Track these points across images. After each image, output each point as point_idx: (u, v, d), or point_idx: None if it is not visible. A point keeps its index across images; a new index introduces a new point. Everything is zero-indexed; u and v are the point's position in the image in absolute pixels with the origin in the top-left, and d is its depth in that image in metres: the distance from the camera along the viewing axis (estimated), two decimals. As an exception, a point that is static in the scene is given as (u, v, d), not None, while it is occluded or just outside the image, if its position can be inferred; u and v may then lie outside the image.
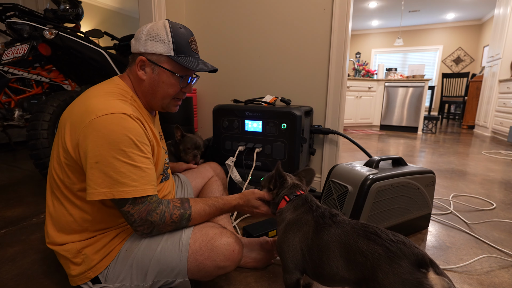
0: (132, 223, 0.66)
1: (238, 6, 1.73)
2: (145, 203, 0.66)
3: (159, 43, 0.72)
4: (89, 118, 0.62)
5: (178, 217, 0.70)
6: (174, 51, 0.72)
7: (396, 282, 0.49)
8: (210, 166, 1.21)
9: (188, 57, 0.75)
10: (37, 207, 1.41)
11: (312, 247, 0.64)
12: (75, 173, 0.67)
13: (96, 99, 0.66)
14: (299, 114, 1.25)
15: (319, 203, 0.74)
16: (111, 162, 0.61)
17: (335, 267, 0.60)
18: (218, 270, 0.70)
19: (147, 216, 0.66)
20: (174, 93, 0.77)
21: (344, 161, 2.36)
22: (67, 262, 0.71)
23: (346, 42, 1.47)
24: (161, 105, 0.79)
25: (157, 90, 0.75)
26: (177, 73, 0.74)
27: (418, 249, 0.52)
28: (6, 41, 1.98)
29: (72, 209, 0.69)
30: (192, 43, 0.77)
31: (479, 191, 1.76)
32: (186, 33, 0.75)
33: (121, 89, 0.73)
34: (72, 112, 0.66)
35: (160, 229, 0.69)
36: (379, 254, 0.53)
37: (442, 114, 5.88)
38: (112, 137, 0.61)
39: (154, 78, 0.74)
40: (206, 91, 1.96)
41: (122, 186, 0.62)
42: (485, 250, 1.09)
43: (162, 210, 0.68)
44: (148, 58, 0.73)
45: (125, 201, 0.64)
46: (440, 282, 0.47)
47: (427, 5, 5.95)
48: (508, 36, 3.95)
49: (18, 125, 2.16)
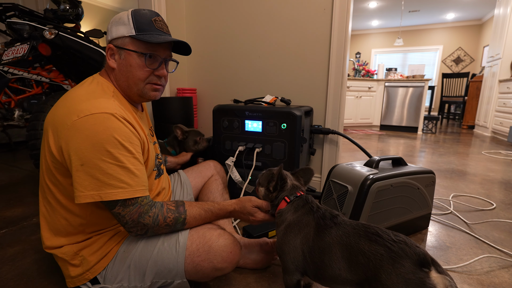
0: (124, 224, 0.65)
1: (238, 6, 1.73)
2: (136, 205, 0.64)
3: (121, 26, 0.69)
4: (71, 120, 0.60)
5: (172, 221, 0.69)
6: (135, 30, 0.69)
7: (399, 282, 0.49)
8: (210, 164, 1.20)
9: (151, 34, 0.70)
10: (37, 207, 1.41)
11: (314, 248, 0.64)
12: (64, 176, 0.65)
13: (78, 99, 0.64)
14: (299, 114, 1.25)
15: (319, 204, 0.73)
16: (96, 164, 0.59)
17: (337, 269, 0.59)
18: (216, 272, 0.70)
19: (138, 218, 0.64)
20: (144, 76, 0.72)
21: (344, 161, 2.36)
22: (65, 264, 0.71)
23: (346, 42, 1.47)
24: (137, 93, 0.74)
25: (128, 76, 0.71)
26: (141, 51, 0.70)
27: (419, 248, 0.52)
28: (6, 41, 1.98)
29: (66, 213, 0.68)
30: (157, 22, 0.72)
31: (479, 191, 1.76)
32: (149, 13, 0.72)
33: (102, 85, 0.71)
34: (54, 115, 0.64)
35: (154, 231, 0.69)
36: (381, 255, 0.53)
37: (442, 114, 5.88)
38: (96, 138, 0.59)
39: (122, 64, 0.71)
40: (206, 91, 1.96)
41: (109, 188, 0.60)
42: (485, 250, 1.09)
43: (155, 213, 0.66)
44: (115, 44, 0.70)
45: (115, 203, 0.62)
46: (442, 281, 0.47)
47: (427, 5, 5.95)
48: (508, 36, 3.95)
49: (18, 125, 2.16)
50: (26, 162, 2.24)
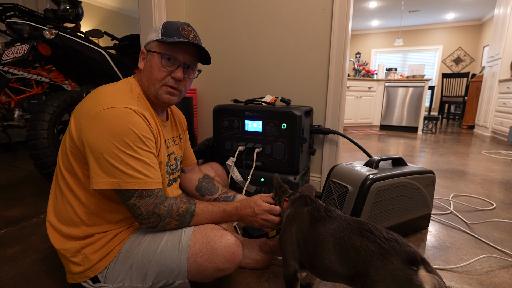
0: (138, 215, 0.67)
1: (238, 6, 1.73)
2: (152, 197, 0.67)
3: (153, 32, 0.77)
4: (95, 110, 0.64)
5: (184, 211, 0.72)
6: (161, 34, 0.75)
7: (386, 278, 0.50)
8: (211, 167, 1.20)
9: (173, 37, 0.74)
10: (37, 207, 1.41)
11: (307, 238, 0.67)
12: (79, 162, 0.69)
13: (106, 94, 0.69)
14: (299, 114, 1.25)
15: (315, 198, 0.78)
16: (116, 154, 0.63)
17: (328, 260, 0.61)
18: (218, 272, 0.70)
19: (154, 209, 0.67)
20: (161, 76, 0.75)
21: (344, 161, 2.36)
22: (67, 261, 0.72)
23: (346, 42, 1.47)
24: (154, 94, 0.77)
25: (148, 76, 0.76)
26: (164, 52, 0.74)
27: (410, 247, 0.53)
28: (6, 41, 1.98)
29: (73, 199, 0.71)
30: (184, 29, 0.76)
31: (479, 191, 1.76)
32: (179, 23, 0.77)
33: (131, 86, 0.76)
34: (81, 105, 0.70)
35: (165, 224, 0.70)
36: (372, 251, 0.54)
37: (442, 114, 5.88)
38: (116, 130, 0.63)
39: (147, 65, 0.77)
40: (206, 91, 1.96)
41: (128, 177, 0.64)
42: (485, 250, 1.09)
43: (170, 203, 0.70)
44: (146, 48, 0.78)
45: (132, 193, 0.65)
46: (430, 280, 0.48)
47: (427, 5, 5.95)
48: (508, 36, 3.95)
49: (18, 125, 2.16)
50: (26, 162, 2.24)
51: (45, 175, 1.55)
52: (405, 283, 0.48)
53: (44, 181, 1.80)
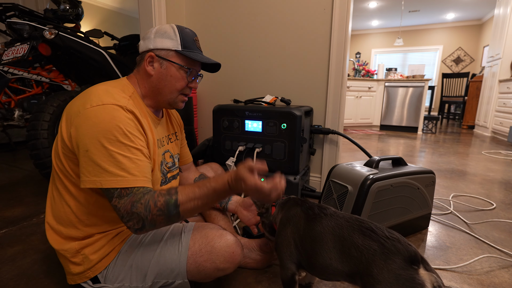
0: (122, 218, 0.62)
1: (238, 6, 1.73)
2: (130, 195, 0.62)
3: (168, 39, 0.76)
4: (84, 108, 0.64)
5: (163, 204, 0.63)
6: (181, 46, 0.76)
7: (390, 277, 0.51)
8: (211, 167, 1.20)
9: (194, 52, 0.79)
10: (37, 207, 1.41)
11: (305, 237, 0.67)
12: (71, 162, 0.68)
13: (96, 92, 0.68)
14: (299, 114, 1.25)
15: (304, 198, 0.79)
16: (100, 150, 0.62)
17: (328, 258, 0.61)
18: (218, 272, 0.70)
19: (132, 208, 0.61)
20: (181, 87, 0.79)
21: (344, 161, 2.36)
22: (67, 261, 0.71)
23: (346, 42, 1.47)
24: (168, 101, 0.80)
25: (165, 85, 0.77)
26: (185, 65, 0.78)
27: (411, 246, 0.54)
28: (6, 41, 1.98)
29: (70, 199, 0.70)
30: (196, 41, 0.82)
31: (479, 191, 1.76)
32: (191, 32, 0.80)
33: (123, 86, 0.74)
34: (72, 104, 0.69)
35: (150, 222, 0.62)
36: (375, 250, 0.54)
37: (442, 114, 5.88)
38: (101, 126, 0.62)
39: (162, 73, 0.76)
40: (206, 91, 1.96)
41: (109, 175, 0.61)
42: (485, 250, 1.09)
43: (147, 200, 0.62)
44: (157, 53, 0.76)
45: (112, 193, 0.61)
46: (429, 278, 0.50)
47: (427, 5, 5.95)
48: (508, 36, 3.95)
49: (18, 125, 2.16)
50: (26, 162, 2.24)
51: (45, 175, 1.55)
52: (408, 282, 0.49)
53: (44, 181, 1.80)
